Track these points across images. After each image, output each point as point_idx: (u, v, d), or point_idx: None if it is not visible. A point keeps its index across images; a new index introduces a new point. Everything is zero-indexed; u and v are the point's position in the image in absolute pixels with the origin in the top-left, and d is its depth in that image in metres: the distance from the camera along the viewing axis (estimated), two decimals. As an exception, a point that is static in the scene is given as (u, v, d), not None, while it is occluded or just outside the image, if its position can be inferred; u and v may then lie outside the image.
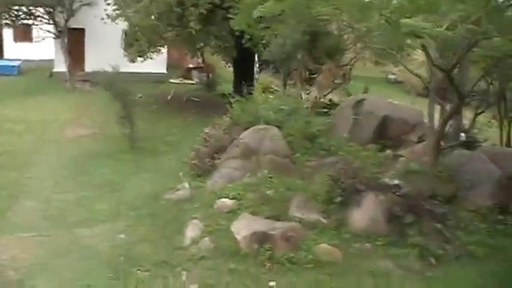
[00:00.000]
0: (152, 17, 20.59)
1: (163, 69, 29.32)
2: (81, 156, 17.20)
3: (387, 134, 14.43)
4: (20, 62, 29.39)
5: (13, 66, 28.78)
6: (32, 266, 9.70)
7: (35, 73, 28.15)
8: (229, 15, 16.94)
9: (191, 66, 30.52)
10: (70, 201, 13.51)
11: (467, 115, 17.56)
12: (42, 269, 9.65)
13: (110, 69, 18.27)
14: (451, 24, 7.01)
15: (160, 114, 23.09)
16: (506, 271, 9.97)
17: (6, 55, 31.17)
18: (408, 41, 8.89)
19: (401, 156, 13.33)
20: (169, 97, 25.96)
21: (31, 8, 24.96)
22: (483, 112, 17.61)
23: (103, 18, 21.17)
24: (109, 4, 21.51)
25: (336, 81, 21.15)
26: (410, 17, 6.90)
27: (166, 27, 20.05)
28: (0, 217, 12.53)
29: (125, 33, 21.93)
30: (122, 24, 22.31)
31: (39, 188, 14.39)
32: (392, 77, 36.24)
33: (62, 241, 11.03)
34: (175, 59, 30.86)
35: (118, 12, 20.39)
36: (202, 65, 29.06)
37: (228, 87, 25.89)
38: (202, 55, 27.80)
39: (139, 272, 9.57)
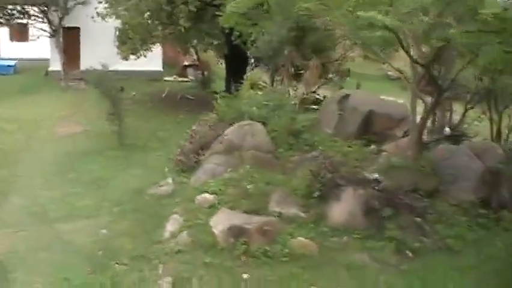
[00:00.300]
0: (145, 15, 20.70)
1: (158, 67, 29.37)
2: (71, 153, 17.30)
3: (372, 129, 14.46)
4: (16, 61, 29.49)
5: (9, 65, 28.89)
6: (13, 260, 9.81)
7: (31, 72, 28.24)
8: (218, 13, 16.97)
9: (186, 64, 30.55)
10: (57, 198, 13.62)
11: (459, 110, 17.55)
12: (22, 262, 9.77)
13: (100, 68, 18.39)
14: (409, 16, 7.05)
15: (153, 112, 23.18)
16: (482, 264, 10.01)
17: (2, 54, 31.27)
18: (378, 34, 8.90)
19: (384, 151, 13.37)
20: (163, 95, 26.03)
21: (25, 6, 25.05)
22: (472, 108, 17.58)
23: (93, 17, 21.27)
24: (100, 2, 21.59)
25: (329, 77, 21.23)
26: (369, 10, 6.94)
27: (157, 25, 20.10)
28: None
29: (118, 31, 21.98)
30: (117, 23, 22.42)
31: (28, 185, 14.52)
32: (391, 73, 36.15)
33: (45, 236, 11.18)
34: (171, 57, 30.89)
35: (108, 10, 20.44)
36: (197, 62, 29.06)
37: (222, 84, 25.93)
38: (196, 53, 27.85)
39: (116, 265, 9.69)
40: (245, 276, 8.99)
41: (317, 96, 18.85)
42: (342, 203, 10.78)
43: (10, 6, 24.73)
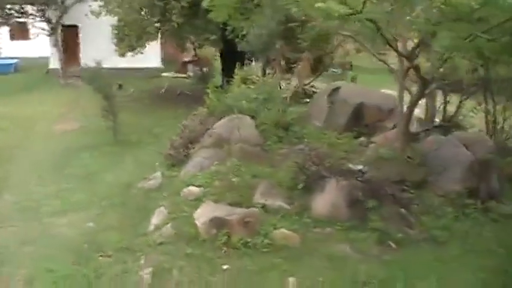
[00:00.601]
0: (142, 12, 20.80)
1: (158, 64, 29.55)
2: (67, 149, 17.48)
3: (362, 121, 14.45)
4: (17, 60, 29.76)
5: (9, 64, 29.19)
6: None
7: (32, 70, 28.51)
8: (209, 7, 16.98)
9: (186, 60, 30.65)
10: (49, 194, 13.75)
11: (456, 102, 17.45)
12: (9, 256, 9.88)
13: (95, 65, 18.54)
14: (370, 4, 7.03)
15: (151, 108, 23.34)
16: (467, 254, 9.97)
17: (3, 53, 31.58)
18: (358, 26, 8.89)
19: (373, 142, 13.36)
20: (162, 91, 26.17)
21: (24, 6, 25.27)
22: (467, 99, 17.48)
23: (86, 15, 21.40)
24: (95, 0, 21.73)
25: (327, 70, 21.20)
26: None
27: (152, 21, 20.18)
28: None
29: (115, 28, 22.11)
30: (115, 20, 22.54)
31: (22, 182, 14.67)
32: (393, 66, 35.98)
33: (32, 231, 11.29)
34: (171, 54, 31.04)
35: (102, 8, 20.56)
36: (196, 58, 29.14)
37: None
38: (195, 49, 27.93)
39: (100, 257, 9.77)
40: (225, 267, 9.03)
41: (313, 90, 18.86)
42: (325, 194, 10.78)
43: (8, 6, 24.97)
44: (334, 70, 25.17)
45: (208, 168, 12.62)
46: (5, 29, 29.84)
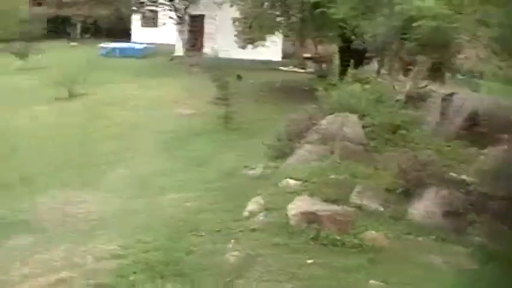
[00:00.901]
0: (264, 5, 21.27)
1: (278, 57, 29.99)
2: (180, 132, 18.43)
3: (476, 130, 13.73)
4: (145, 45, 31.71)
5: (138, 49, 31.19)
6: (101, 220, 10.76)
7: (158, 56, 30.17)
8: (330, 5, 17.04)
9: (307, 55, 30.84)
10: (158, 171, 14.63)
11: None
12: (109, 223, 10.67)
13: (215, 54, 19.34)
14: None
15: (266, 99, 23.81)
16: None
17: (133, 39, 33.78)
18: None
19: (484, 153, 12.67)
20: (277, 84, 26.54)
21: (155, -5, 26.91)
22: None
23: (214, 4, 22.21)
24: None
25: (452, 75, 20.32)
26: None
27: (273, 15, 20.56)
28: (95, 179, 14.01)
29: (237, 20, 22.81)
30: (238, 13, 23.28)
31: (134, 158, 15.75)
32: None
33: (136, 204, 12.09)
34: (291, 48, 31.39)
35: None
36: (317, 55, 29.21)
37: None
38: (316, 45, 28.01)
39: (193, 236, 10.22)
40: (310, 261, 9.05)
41: (429, 94, 18.19)
42: (423, 201, 10.44)
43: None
44: (461, 77, 24.04)
45: (309, 163, 12.71)
46: (137, 17, 31.89)
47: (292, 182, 11.83)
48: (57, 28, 40.74)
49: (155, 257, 8.50)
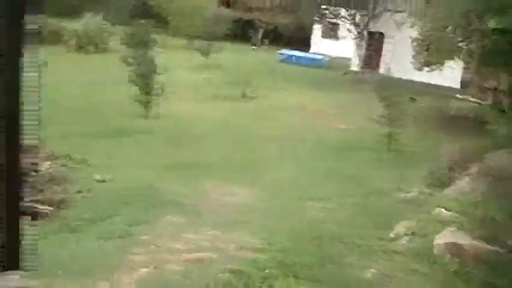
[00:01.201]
0: (447, 29, 20.64)
1: (455, 84, 28.79)
2: (334, 146, 18.70)
3: None
4: (322, 56, 32.36)
5: (314, 58, 31.98)
6: (249, 214, 11.43)
7: (332, 68, 30.62)
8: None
9: (487, 86, 29.14)
10: (311, 180, 15.06)
11: None
12: (256, 218, 11.29)
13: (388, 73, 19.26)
14: None
15: (433, 125, 23.08)
16: None
17: (312, 49, 34.60)
18: None
19: None
20: (451, 112, 25.50)
21: (337, 8, 27.38)
22: None
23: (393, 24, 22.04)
24: (399, 12, 22.32)
25: None
26: None
27: (454, 40, 19.88)
28: (254, 176, 14.94)
29: (415, 41, 22.40)
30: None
31: (292, 164, 16.38)
32: None
33: (285, 205, 12.63)
34: (472, 76, 29.86)
35: (406, 19, 21.02)
36: (497, 86, 27.48)
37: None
38: (499, 77, 26.36)
39: (333, 246, 10.39)
40: (445, 292, 8.78)
41: None
42: None
43: (324, 7, 27.37)
44: None
45: (467, 196, 12.20)
46: (318, 27, 32.68)
47: (445, 212, 11.46)
48: (240, 31, 42.80)
49: (291, 257, 8.82)
